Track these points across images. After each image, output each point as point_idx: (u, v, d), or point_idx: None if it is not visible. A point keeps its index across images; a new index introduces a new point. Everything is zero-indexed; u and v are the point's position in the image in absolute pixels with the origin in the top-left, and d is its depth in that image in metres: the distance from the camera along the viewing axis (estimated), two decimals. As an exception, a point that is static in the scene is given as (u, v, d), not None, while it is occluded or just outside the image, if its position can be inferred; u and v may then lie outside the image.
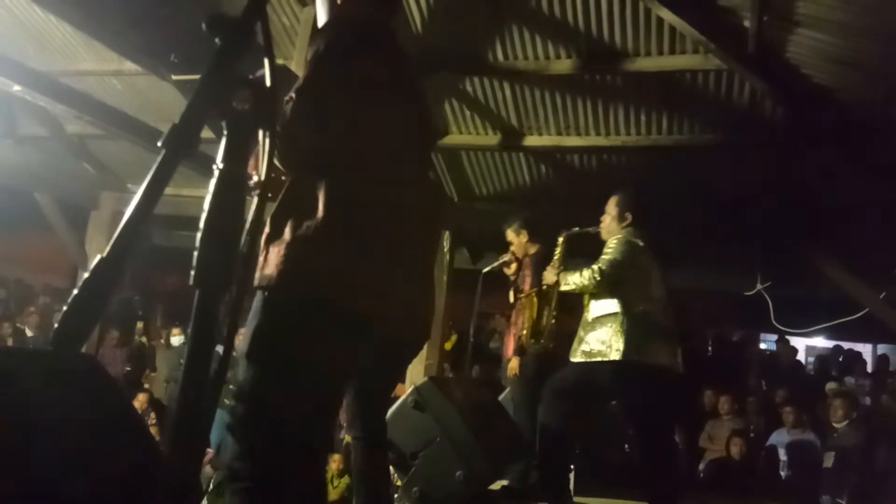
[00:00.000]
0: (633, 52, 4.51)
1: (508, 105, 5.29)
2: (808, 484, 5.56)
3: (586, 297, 3.33)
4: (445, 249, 6.68)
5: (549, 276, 3.54)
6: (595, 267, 3.19)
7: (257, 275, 1.53)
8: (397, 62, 1.83)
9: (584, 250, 3.69)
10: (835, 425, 5.58)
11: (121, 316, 8.83)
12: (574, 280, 3.27)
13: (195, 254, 0.76)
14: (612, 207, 3.41)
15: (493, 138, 5.69)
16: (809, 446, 5.90)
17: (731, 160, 5.26)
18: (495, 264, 4.47)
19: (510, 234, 4.31)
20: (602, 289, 3.21)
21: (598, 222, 3.49)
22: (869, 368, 8.37)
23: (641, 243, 3.24)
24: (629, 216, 3.35)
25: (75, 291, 0.71)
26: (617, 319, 3.13)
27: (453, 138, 5.77)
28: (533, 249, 4.20)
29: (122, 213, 0.76)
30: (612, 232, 3.36)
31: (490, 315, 9.40)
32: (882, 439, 5.52)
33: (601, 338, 3.15)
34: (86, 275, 0.71)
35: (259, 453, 1.46)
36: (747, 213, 5.50)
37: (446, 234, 6.63)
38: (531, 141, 5.57)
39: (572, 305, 3.70)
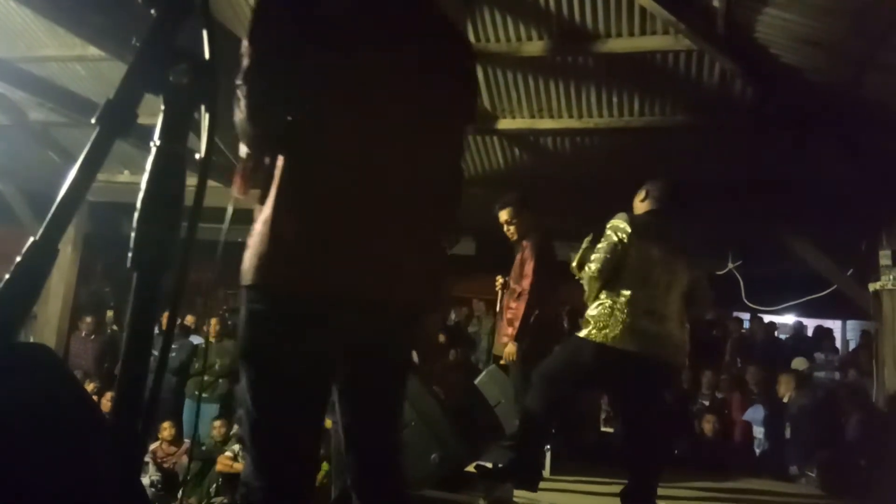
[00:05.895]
0: (605, 34, 4.51)
1: (481, 88, 5.26)
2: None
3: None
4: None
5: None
6: (588, 266, 3.17)
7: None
8: None
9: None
10: (784, 400, 5.82)
11: (92, 307, 8.70)
12: (587, 285, 3.21)
13: (132, 235, 0.73)
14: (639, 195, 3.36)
15: (466, 122, 5.65)
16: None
17: (702, 140, 5.29)
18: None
19: (506, 215, 4.10)
20: (597, 283, 3.17)
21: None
22: (838, 344, 8.53)
23: (629, 228, 3.11)
24: (639, 204, 3.33)
25: (7, 276, 0.68)
26: (603, 304, 3.11)
27: (426, 122, 5.72)
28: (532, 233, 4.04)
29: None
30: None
31: (468, 300, 9.43)
32: (851, 412, 5.65)
33: (590, 315, 3.14)
34: (18, 259, 0.68)
35: (266, 460, 1.35)
36: (718, 192, 5.55)
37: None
38: (504, 124, 5.55)
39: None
